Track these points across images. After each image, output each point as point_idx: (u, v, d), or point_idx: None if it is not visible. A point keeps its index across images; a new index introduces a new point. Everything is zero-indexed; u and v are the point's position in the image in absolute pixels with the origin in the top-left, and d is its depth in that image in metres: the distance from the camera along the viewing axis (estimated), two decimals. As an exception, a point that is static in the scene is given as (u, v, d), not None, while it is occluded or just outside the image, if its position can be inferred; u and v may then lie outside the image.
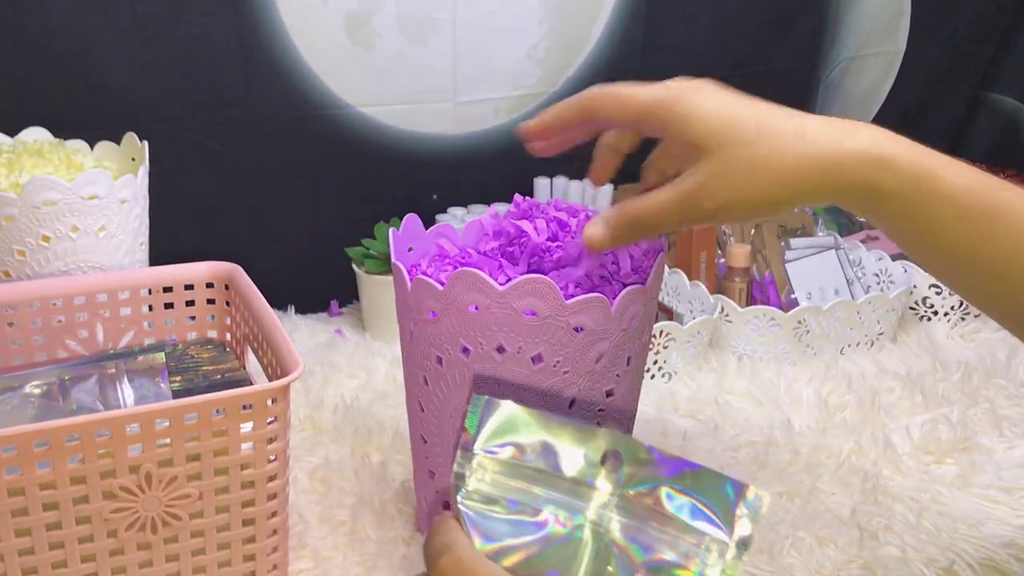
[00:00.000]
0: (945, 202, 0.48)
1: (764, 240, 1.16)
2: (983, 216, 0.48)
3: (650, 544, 0.38)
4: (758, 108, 0.51)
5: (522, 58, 1.15)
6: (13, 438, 0.54)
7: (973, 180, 0.49)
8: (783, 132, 0.50)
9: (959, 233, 0.48)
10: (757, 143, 0.50)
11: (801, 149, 0.49)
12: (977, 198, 0.48)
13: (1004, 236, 0.48)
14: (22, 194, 0.76)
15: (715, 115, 0.51)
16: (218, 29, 1.00)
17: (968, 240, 0.48)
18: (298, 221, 1.13)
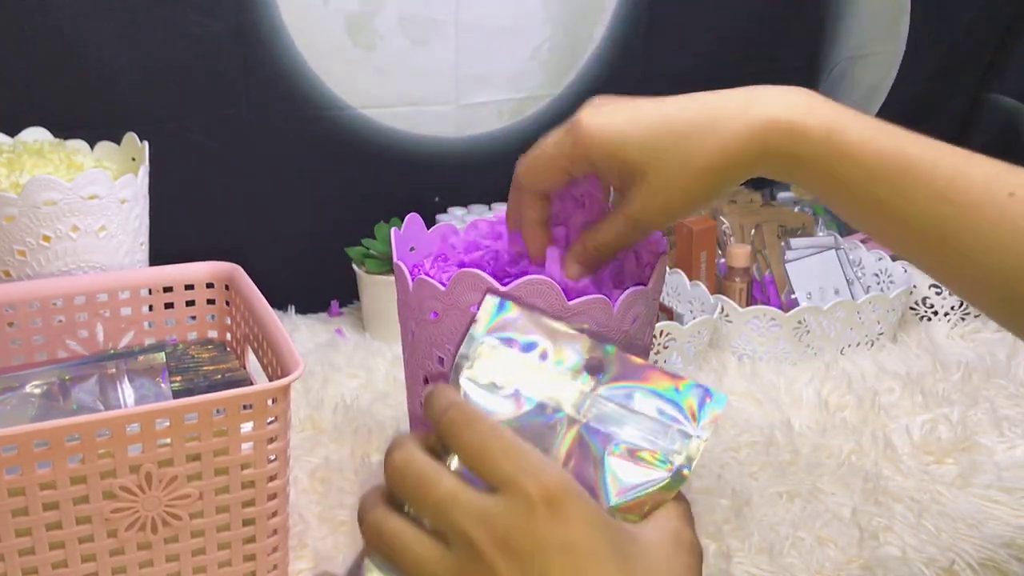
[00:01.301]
0: (854, 164, 0.51)
1: (764, 240, 1.16)
2: (891, 175, 0.50)
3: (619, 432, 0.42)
4: (661, 108, 0.54)
5: (525, 60, 1.15)
6: (13, 438, 0.54)
7: (884, 140, 0.51)
8: (697, 125, 0.53)
9: (870, 193, 0.51)
10: (678, 147, 0.53)
11: (720, 137, 0.52)
12: (886, 156, 0.51)
13: (912, 193, 0.50)
14: (22, 194, 0.76)
15: (632, 135, 0.54)
16: (218, 29, 1.00)
17: (879, 199, 0.51)
18: (298, 221, 1.13)
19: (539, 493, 0.37)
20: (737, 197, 1.29)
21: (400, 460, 0.40)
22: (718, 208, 1.23)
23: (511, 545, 0.37)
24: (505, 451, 0.39)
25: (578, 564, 0.37)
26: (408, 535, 0.39)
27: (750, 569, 0.72)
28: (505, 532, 0.37)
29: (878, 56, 1.39)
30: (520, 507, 0.37)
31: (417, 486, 0.39)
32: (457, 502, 0.38)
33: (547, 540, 0.37)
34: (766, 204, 1.30)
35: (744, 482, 0.82)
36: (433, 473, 0.39)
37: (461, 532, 0.38)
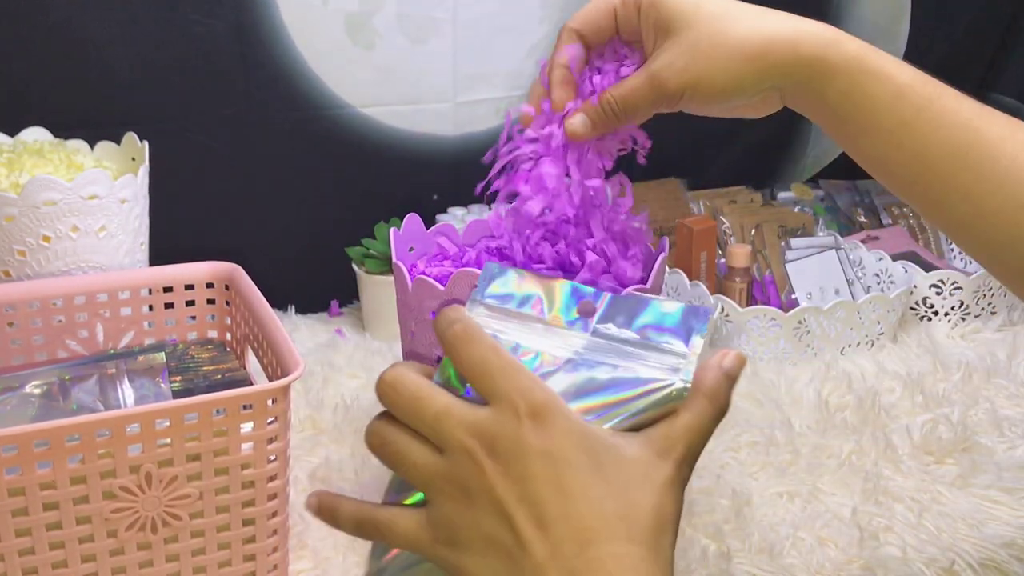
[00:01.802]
0: (886, 80, 0.52)
1: (764, 240, 1.16)
2: (919, 98, 0.52)
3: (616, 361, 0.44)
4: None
5: (523, 58, 1.15)
6: (13, 438, 0.54)
7: (912, 70, 0.53)
8: (746, 12, 0.54)
9: (895, 112, 0.52)
10: (722, 20, 0.53)
11: (762, 26, 0.53)
12: (915, 82, 0.52)
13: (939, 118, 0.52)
14: (22, 194, 0.76)
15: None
16: (218, 29, 1.00)
17: (904, 119, 0.52)
18: (298, 221, 1.12)
19: (526, 407, 0.41)
20: (737, 197, 1.29)
21: (393, 378, 0.43)
22: (718, 208, 1.24)
23: (498, 450, 0.41)
24: (502, 368, 0.42)
25: (556, 469, 0.41)
26: (406, 443, 0.43)
27: (750, 569, 0.72)
28: (493, 439, 0.41)
29: (878, 56, 1.39)
30: (508, 418, 0.41)
31: (412, 402, 0.43)
32: (450, 415, 0.42)
33: (529, 447, 0.41)
34: (766, 204, 1.30)
35: (744, 482, 0.82)
36: (427, 389, 0.43)
37: (455, 441, 0.41)
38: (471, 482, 0.41)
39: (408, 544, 0.44)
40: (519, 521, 0.40)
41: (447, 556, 0.42)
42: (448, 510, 0.42)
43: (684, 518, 0.76)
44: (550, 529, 0.40)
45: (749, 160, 1.37)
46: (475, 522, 0.41)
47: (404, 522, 0.44)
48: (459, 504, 0.42)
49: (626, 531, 0.41)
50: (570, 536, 0.40)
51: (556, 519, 0.40)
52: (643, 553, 0.41)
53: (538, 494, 0.40)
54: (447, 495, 0.42)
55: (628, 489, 0.41)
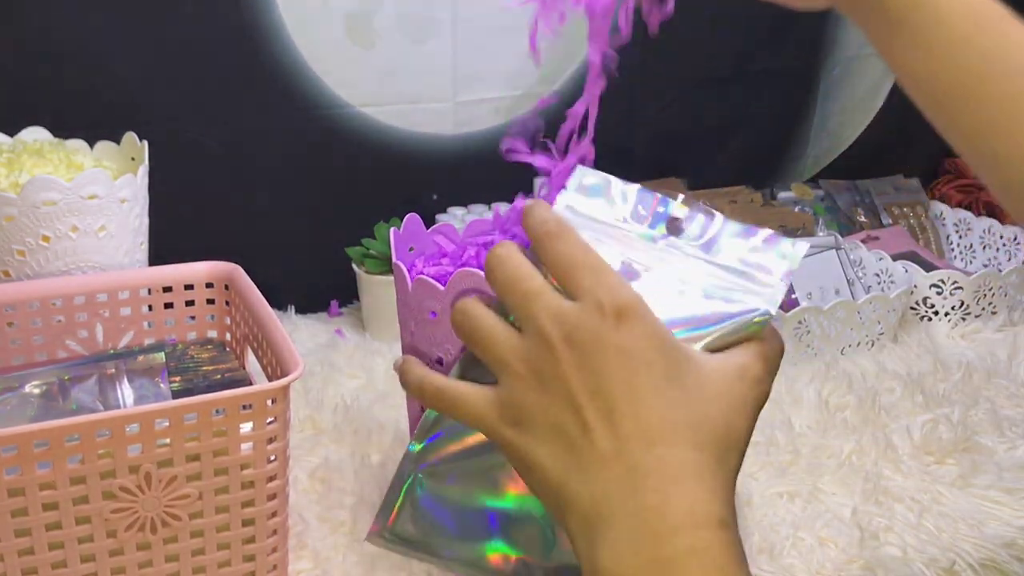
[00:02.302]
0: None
1: (764, 240, 1.15)
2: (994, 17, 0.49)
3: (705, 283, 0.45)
4: None
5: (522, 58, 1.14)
6: (13, 438, 0.54)
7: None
8: None
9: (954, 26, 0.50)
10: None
11: None
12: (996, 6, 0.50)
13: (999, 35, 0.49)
14: (22, 194, 0.76)
15: None
16: (218, 29, 1.00)
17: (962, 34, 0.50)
18: (298, 221, 1.12)
19: (611, 305, 0.41)
20: (737, 197, 1.29)
21: (502, 252, 0.44)
22: (718, 208, 1.23)
23: (575, 340, 0.41)
24: (592, 267, 0.43)
25: (632, 367, 0.41)
26: (489, 318, 0.44)
27: (751, 569, 0.71)
28: (573, 329, 0.41)
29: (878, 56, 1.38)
30: (591, 313, 0.41)
31: (511, 276, 0.43)
32: (540, 297, 0.43)
33: (608, 341, 0.41)
34: (766, 204, 1.30)
35: (744, 482, 0.82)
36: (527, 269, 0.44)
37: (537, 323, 0.42)
38: (545, 368, 0.42)
39: (473, 419, 0.44)
40: (588, 413, 0.41)
41: (512, 437, 0.43)
42: (518, 392, 0.42)
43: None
44: (618, 425, 0.41)
45: (749, 160, 1.37)
46: (544, 408, 0.42)
47: (473, 396, 0.44)
48: (530, 387, 0.42)
49: (694, 438, 0.41)
50: (637, 434, 0.40)
51: (625, 415, 0.41)
52: (708, 461, 0.41)
53: (610, 389, 0.41)
54: (519, 377, 0.42)
55: (701, 401, 0.42)
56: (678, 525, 0.39)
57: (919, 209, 1.34)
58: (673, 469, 0.40)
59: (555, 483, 0.42)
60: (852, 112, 1.42)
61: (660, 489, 0.40)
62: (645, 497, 0.40)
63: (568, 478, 0.41)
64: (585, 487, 0.41)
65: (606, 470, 0.40)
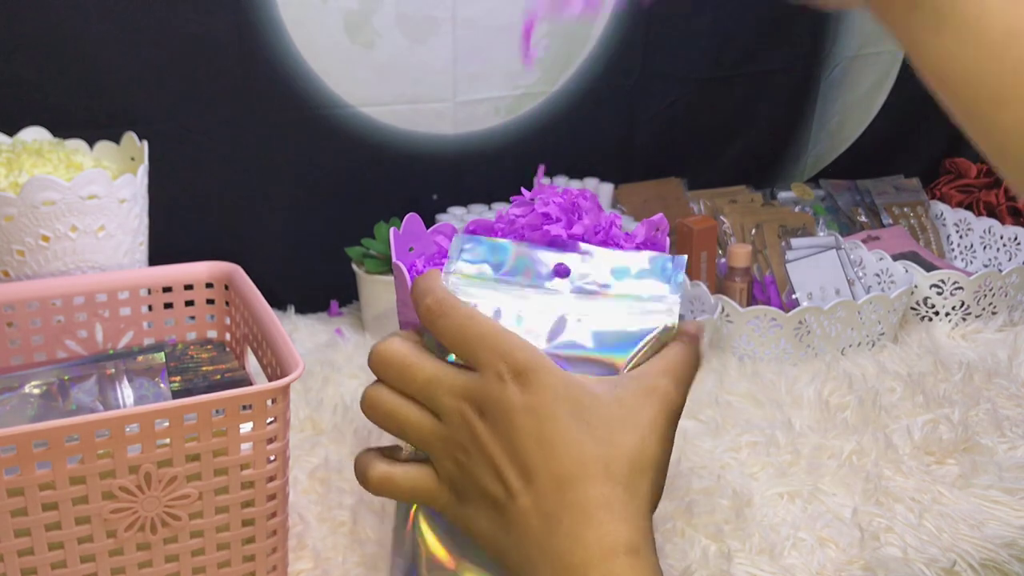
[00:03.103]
0: None
1: (765, 240, 1.16)
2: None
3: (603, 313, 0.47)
4: None
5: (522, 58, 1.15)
6: (13, 438, 0.54)
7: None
8: None
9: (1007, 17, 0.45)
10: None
11: None
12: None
13: None
14: (21, 194, 0.76)
15: None
16: (218, 29, 1.00)
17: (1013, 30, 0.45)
18: (298, 221, 1.12)
19: (509, 369, 0.43)
20: (737, 197, 1.29)
21: (382, 350, 0.47)
22: (718, 208, 1.23)
23: (486, 411, 0.44)
24: (481, 336, 0.45)
25: (539, 423, 0.43)
26: (405, 410, 0.46)
27: (751, 570, 0.71)
28: (481, 401, 0.44)
29: (878, 56, 1.39)
30: (494, 383, 0.44)
31: (401, 371, 0.46)
32: (440, 382, 0.45)
33: (513, 405, 0.43)
34: (766, 204, 1.30)
35: (745, 482, 0.82)
36: (415, 359, 0.46)
37: (447, 405, 0.45)
38: (466, 441, 0.44)
39: (424, 499, 0.47)
40: (508, 475, 0.43)
41: (454, 509, 0.46)
42: (450, 468, 0.45)
43: (684, 518, 0.76)
44: (534, 479, 0.43)
45: (749, 160, 1.37)
46: (472, 477, 0.44)
47: (419, 480, 0.46)
48: (458, 462, 0.45)
49: (603, 472, 0.43)
50: (550, 483, 0.43)
51: (539, 469, 0.43)
52: (618, 492, 0.43)
53: (523, 448, 0.43)
54: (447, 454, 0.45)
55: (610, 432, 0.44)
56: (588, 561, 0.42)
57: (919, 209, 1.34)
58: (583, 508, 0.42)
59: (492, 546, 0.45)
60: (852, 112, 1.42)
61: (571, 530, 0.42)
62: (559, 541, 0.42)
63: (500, 539, 0.44)
64: (514, 545, 0.44)
65: (528, 525, 0.43)
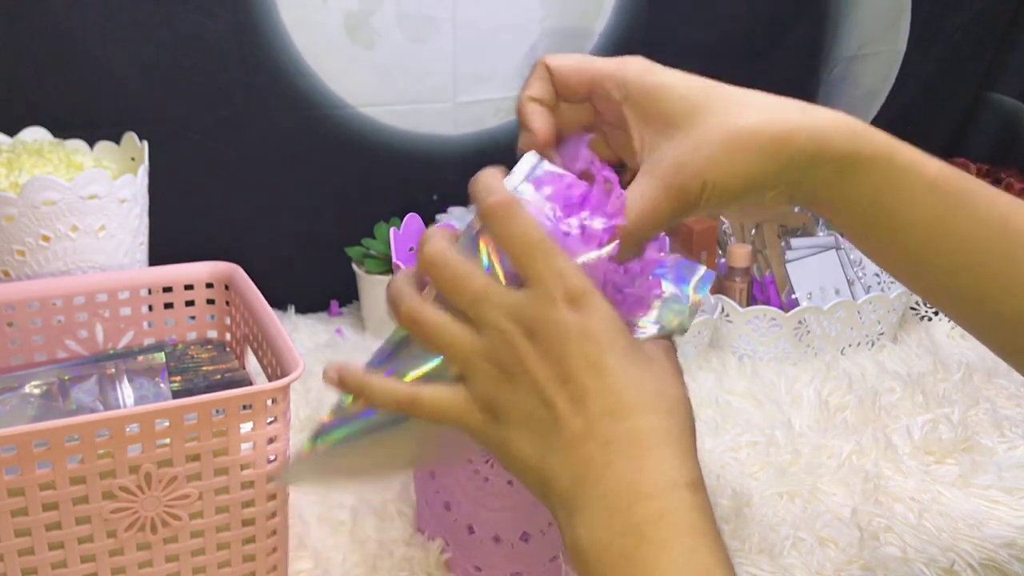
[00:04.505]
0: (918, 173, 0.47)
1: (765, 240, 1.16)
2: (953, 191, 0.48)
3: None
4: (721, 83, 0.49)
5: (522, 58, 1.15)
6: (13, 438, 0.54)
7: (938, 162, 0.48)
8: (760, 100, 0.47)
9: (932, 207, 0.47)
10: (736, 113, 0.46)
11: (779, 116, 0.46)
12: (947, 175, 0.48)
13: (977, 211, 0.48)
14: (22, 194, 0.76)
15: (684, 83, 0.48)
16: (218, 29, 1.00)
17: (941, 215, 0.47)
18: (298, 221, 1.12)
19: (564, 291, 0.42)
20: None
21: (436, 254, 0.44)
22: (718, 208, 1.23)
23: (537, 333, 0.42)
24: (545, 251, 0.43)
25: (595, 348, 0.42)
26: (444, 322, 0.44)
27: (750, 569, 0.71)
28: (532, 322, 0.42)
29: (878, 56, 1.39)
30: (546, 302, 0.42)
31: (454, 279, 0.44)
32: (489, 296, 0.43)
33: (569, 327, 0.42)
34: (766, 204, 1.30)
35: (744, 482, 0.82)
36: (467, 268, 0.44)
37: (493, 322, 0.43)
38: (510, 363, 0.43)
39: (453, 419, 0.45)
40: (557, 400, 0.42)
41: (489, 429, 0.44)
42: (487, 387, 0.44)
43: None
44: (587, 405, 0.42)
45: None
46: (515, 399, 0.43)
47: (448, 398, 0.45)
48: (498, 382, 0.43)
49: (662, 405, 0.43)
50: (607, 410, 0.42)
51: (594, 396, 0.42)
52: (675, 427, 0.43)
53: (576, 373, 0.42)
54: (486, 373, 0.44)
55: (656, 374, 0.43)
56: (650, 491, 0.41)
57: (919, 209, 1.34)
58: (644, 438, 0.42)
59: (535, 468, 0.43)
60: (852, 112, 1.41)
61: (633, 458, 0.41)
62: (618, 468, 0.41)
63: (546, 462, 0.43)
64: (563, 468, 0.42)
65: (581, 449, 0.42)
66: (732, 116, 0.46)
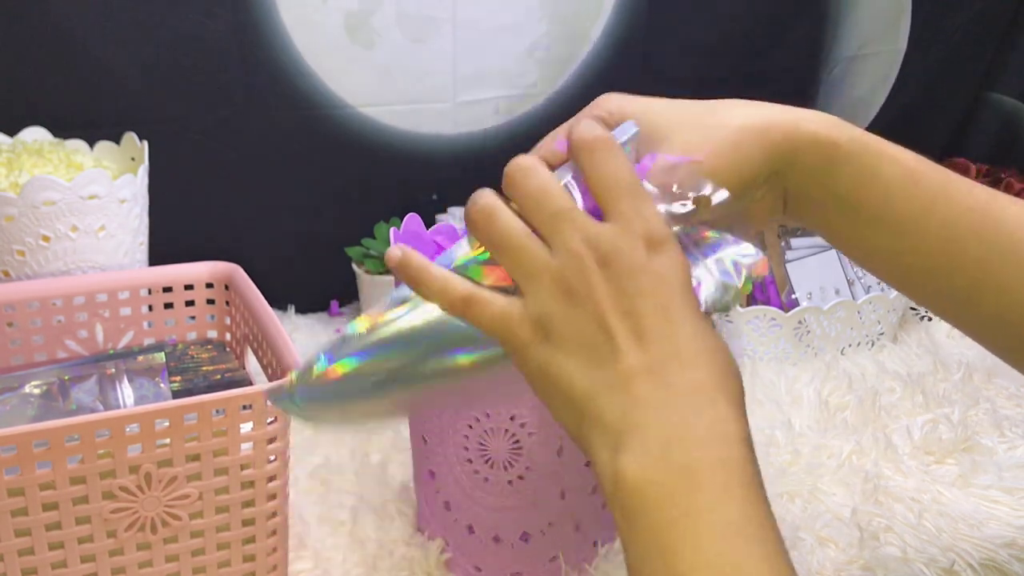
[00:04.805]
0: (897, 164, 0.49)
1: (765, 240, 1.16)
2: (933, 182, 0.49)
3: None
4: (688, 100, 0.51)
5: (522, 57, 1.15)
6: (13, 438, 0.54)
7: (915, 155, 0.50)
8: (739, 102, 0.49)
9: (912, 198, 0.49)
10: (715, 111, 0.48)
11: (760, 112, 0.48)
12: (924, 167, 0.49)
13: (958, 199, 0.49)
14: (22, 194, 0.76)
15: (659, 104, 0.50)
16: (218, 29, 1.00)
17: (922, 206, 0.49)
18: (298, 221, 1.12)
19: (646, 233, 0.42)
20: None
21: (528, 164, 0.44)
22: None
23: (612, 264, 0.42)
24: (634, 192, 0.43)
25: (666, 293, 0.42)
26: (519, 228, 0.44)
27: (750, 569, 0.71)
28: (608, 252, 0.42)
29: (878, 56, 1.39)
30: (627, 238, 0.42)
31: (540, 193, 0.43)
32: (572, 218, 0.43)
33: (643, 266, 0.42)
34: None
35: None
36: (555, 186, 0.44)
37: (570, 244, 0.42)
38: (578, 287, 0.42)
39: (501, 327, 0.44)
40: (619, 332, 0.42)
41: (538, 349, 0.43)
42: (547, 306, 0.43)
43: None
44: (650, 345, 0.42)
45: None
46: (575, 325, 0.42)
47: (502, 306, 0.44)
48: (559, 303, 0.43)
49: (723, 364, 0.43)
50: (672, 355, 0.42)
51: (659, 337, 0.42)
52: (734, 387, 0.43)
53: (642, 309, 0.42)
54: (549, 291, 0.43)
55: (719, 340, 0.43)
56: (709, 438, 0.41)
57: (919, 209, 1.34)
58: (708, 389, 0.42)
59: (580, 394, 0.42)
60: (852, 112, 1.42)
61: (694, 405, 0.41)
62: (680, 411, 0.41)
63: (596, 391, 0.42)
64: (612, 400, 0.42)
65: (637, 385, 0.41)
66: (715, 118, 0.48)
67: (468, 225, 0.45)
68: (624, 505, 0.41)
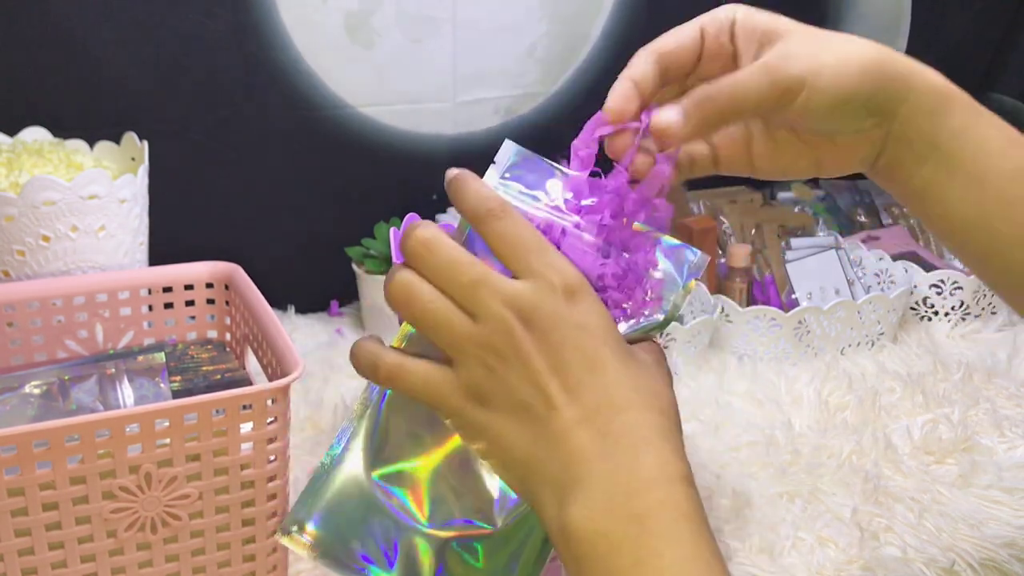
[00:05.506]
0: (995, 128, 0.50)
1: (764, 240, 1.16)
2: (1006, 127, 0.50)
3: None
4: None
5: (522, 57, 1.15)
6: (13, 438, 0.54)
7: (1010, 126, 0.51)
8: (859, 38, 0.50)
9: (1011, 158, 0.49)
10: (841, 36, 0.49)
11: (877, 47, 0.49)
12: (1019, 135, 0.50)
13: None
14: (22, 194, 0.76)
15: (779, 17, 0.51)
16: (218, 29, 1.00)
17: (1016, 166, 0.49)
18: (298, 221, 1.12)
19: (561, 283, 0.43)
20: (737, 197, 1.29)
21: (427, 238, 0.44)
22: (718, 208, 1.23)
23: (535, 321, 0.42)
24: (538, 248, 0.43)
25: (591, 342, 0.43)
26: (437, 304, 0.43)
27: (751, 570, 0.71)
28: (529, 310, 0.42)
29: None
30: (544, 292, 0.42)
31: (449, 266, 0.43)
32: (487, 283, 0.43)
33: (567, 319, 0.42)
34: (766, 204, 1.30)
35: (744, 482, 0.82)
36: (462, 255, 0.43)
37: (491, 310, 0.42)
38: (506, 350, 0.42)
39: (435, 398, 0.44)
40: (551, 388, 0.42)
41: (475, 415, 0.44)
42: (478, 374, 0.43)
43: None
44: (582, 396, 0.42)
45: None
46: (506, 387, 0.43)
47: (435, 376, 0.44)
48: (490, 369, 0.43)
49: (656, 403, 0.43)
50: (604, 403, 0.42)
51: (589, 387, 0.42)
52: (669, 424, 0.43)
53: (571, 362, 0.42)
54: (477, 359, 0.43)
55: (653, 378, 0.44)
56: (650, 481, 0.41)
57: (919, 209, 1.34)
58: (643, 431, 0.42)
59: (521, 454, 0.43)
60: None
61: (631, 449, 0.42)
62: (619, 458, 0.42)
63: (535, 449, 0.43)
64: (554, 454, 0.42)
65: (575, 438, 0.42)
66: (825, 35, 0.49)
67: (388, 303, 0.45)
68: (575, 557, 0.41)
